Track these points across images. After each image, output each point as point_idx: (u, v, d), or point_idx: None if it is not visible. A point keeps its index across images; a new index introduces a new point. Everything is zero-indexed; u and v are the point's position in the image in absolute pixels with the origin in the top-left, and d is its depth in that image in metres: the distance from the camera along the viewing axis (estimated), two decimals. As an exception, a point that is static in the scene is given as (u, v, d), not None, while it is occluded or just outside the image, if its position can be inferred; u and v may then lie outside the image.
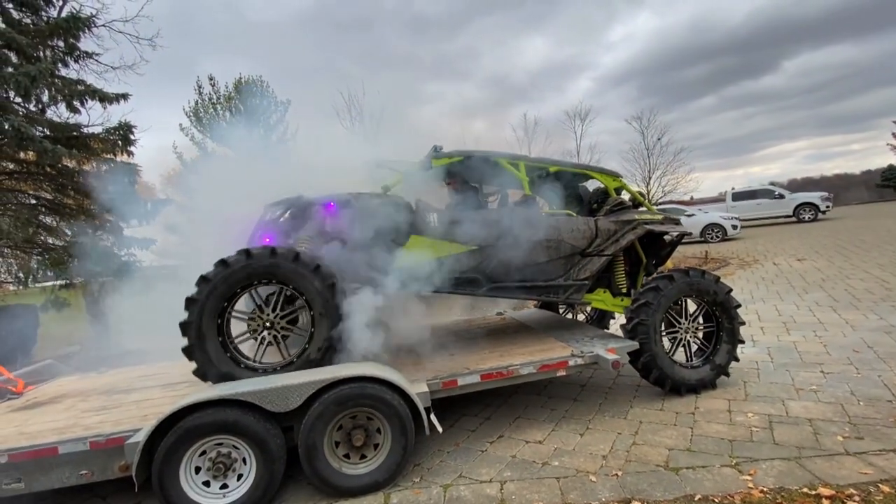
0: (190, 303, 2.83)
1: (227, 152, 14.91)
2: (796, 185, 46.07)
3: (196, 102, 14.81)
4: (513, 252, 3.61)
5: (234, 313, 2.99)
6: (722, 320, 3.87)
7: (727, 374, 3.89)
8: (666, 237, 4.34)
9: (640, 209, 4.23)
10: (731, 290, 3.91)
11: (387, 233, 3.36)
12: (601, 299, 4.04)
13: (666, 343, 3.82)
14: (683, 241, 4.67)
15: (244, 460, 2.64)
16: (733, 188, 21.15)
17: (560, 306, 5.32)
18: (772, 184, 23.92)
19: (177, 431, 2.46)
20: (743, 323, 3.95)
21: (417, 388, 2.90)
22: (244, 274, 2.91)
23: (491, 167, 3.98)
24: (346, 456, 2.78)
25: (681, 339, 3.91)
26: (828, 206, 19.47)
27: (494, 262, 3.61)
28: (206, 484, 2.60)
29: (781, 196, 19.96)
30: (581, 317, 5.44)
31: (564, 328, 4.36)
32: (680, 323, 3.89)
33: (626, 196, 4.39)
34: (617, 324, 5.72)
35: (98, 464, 2.65)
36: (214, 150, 14.69)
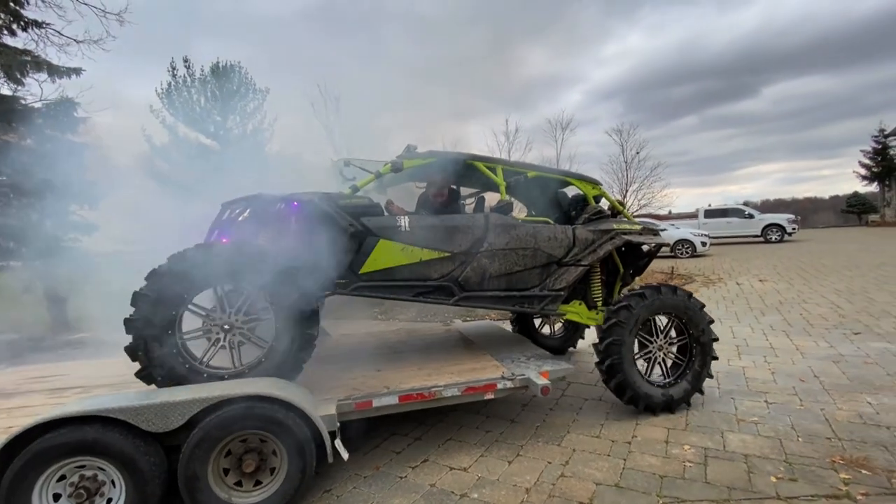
0: None
1: (198, 137, 14.40)
2: (769, 206, 47.52)
3: (169, 84, 14.22)
4: (487, 260, 3.43)
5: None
6: (695, 351, 3.77)
7: (701, 392, 3.80)
8: (644, 247, 4.22)
9: (619, 218, 4.10)
10: (711, 321, 3.82)
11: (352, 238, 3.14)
12: (576, 311, 3.90)
13: (640, 363, 3.72)
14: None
15: (113, 483, 2.31)
16: (710, 205, 21.57)
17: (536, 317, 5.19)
18: (745, 203, 24.49)
19: (24, 456, 2.12)
20: (716, 339, 3.87)
21: (324, 410, 2.62)
22: None
23: (467, 170, 3.78)
24: (238, 483, 2.48)
25: (654, 358, 3.80)
26: (794, 228, 19.98)
27: (467, 270, 3.40)
28: (68, 512, 2.27)
29: (751, 216, 20.41)
30: (558, 325, 5.41)
31: (506, 344, 4.14)
32: (652, 342, 3.78)
33: (604, 204, 4.25)
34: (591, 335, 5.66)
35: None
36: (186, 135, 14.14)
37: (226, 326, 2.76)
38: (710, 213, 20.97)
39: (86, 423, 2.21)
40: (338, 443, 2.56)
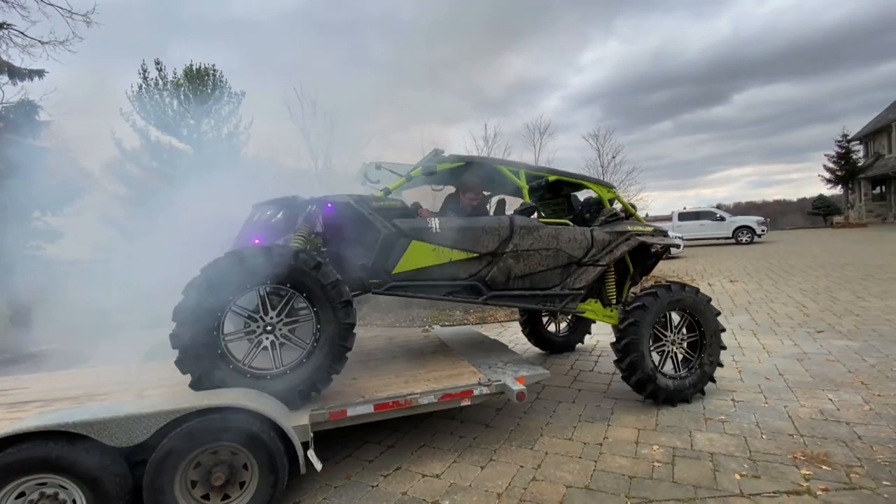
0: None
1: (171, 141, 14.06)
2: (741, 209, 49.06)
3: (140, 87, 13.84)
4: (512, 260, 3.56)
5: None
6: (695, 371, 3.98)
7: (713, 381, 4.02)
8: (652, 248, 4.39)
9: (632, 220, 4.25)
10: (719, 314, 4.08)
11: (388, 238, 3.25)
12: (592, 309, 4.05)
13: (654, 356, 3.90)
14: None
15: (74, 502, 2.24)
16: (684, 208, 22.13)
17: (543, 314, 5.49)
18: (718, 206, 25.16)
19: (-21, 473, 2.05)
20: (714, 381, 4.05)
21: (296, 420, 2.59)
22: None
23: (492, 174, 3.90)
24: (206, 497, 2.44)
25: (668, 352, 3.97)
26: (763, 230, 20.65)
27: (494, 269, 3.52)
28: (26, 532, 2.19)
29: (722, 218, 21.04)
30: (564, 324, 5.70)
31: (483, 350, 4.16)
32: (666, 336, 3.95)
33: (618, 207, 4.40)
34: (595, 332, 5.96)
35: None
36: (158, 139, 13.79)
37: (269, 327, 2.85)
38: (683, 216, 21.53)
39: (47, 439, 2.14)
40: (311, 454, 2.53)
